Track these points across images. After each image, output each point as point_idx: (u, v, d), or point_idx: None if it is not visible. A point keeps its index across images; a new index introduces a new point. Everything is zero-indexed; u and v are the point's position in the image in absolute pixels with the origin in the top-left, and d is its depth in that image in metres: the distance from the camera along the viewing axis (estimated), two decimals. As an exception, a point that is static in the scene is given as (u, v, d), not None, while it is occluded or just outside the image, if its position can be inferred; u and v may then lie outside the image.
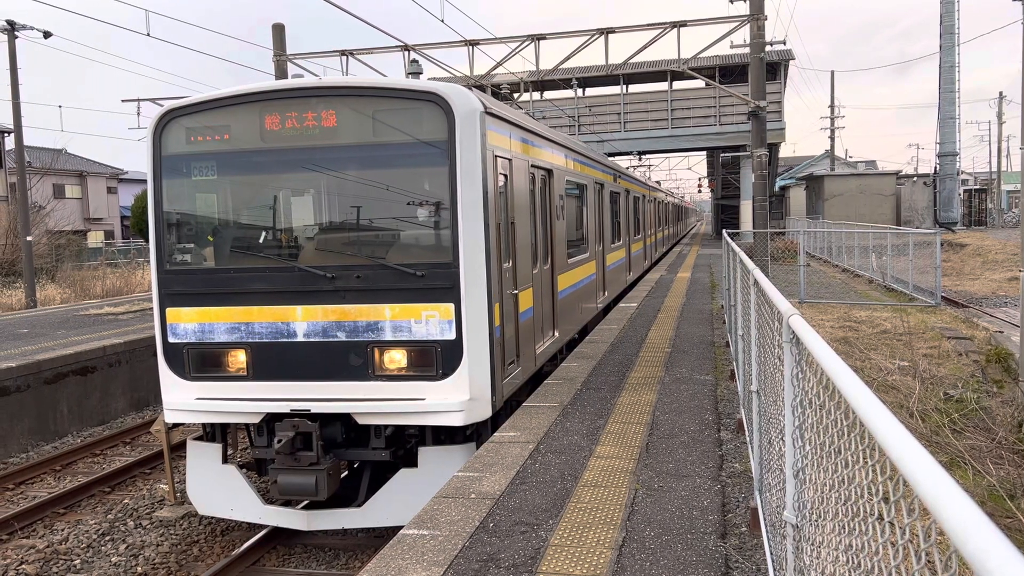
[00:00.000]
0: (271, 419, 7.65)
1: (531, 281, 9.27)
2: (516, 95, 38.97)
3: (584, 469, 6.30)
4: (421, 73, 9.66)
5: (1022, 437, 8.74)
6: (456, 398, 7.34)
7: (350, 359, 7.53)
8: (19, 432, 12.41)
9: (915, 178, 49.53)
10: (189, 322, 7.89)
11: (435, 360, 7.38)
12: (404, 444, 7.82)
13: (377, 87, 7.79)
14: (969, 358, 12.34)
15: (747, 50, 19.98)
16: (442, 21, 15.20)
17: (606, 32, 21.72)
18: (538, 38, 22.55)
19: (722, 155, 49.84)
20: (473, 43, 22.89)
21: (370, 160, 7.62)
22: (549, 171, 10.66)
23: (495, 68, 23.16)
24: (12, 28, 24.78)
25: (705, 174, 69.66)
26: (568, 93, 40.84)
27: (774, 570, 4.09)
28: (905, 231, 21.26)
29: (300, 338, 7.61)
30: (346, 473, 8.87)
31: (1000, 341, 14.00)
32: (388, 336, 7.44)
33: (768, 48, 20.51)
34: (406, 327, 7.40)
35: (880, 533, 1.92)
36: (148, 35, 17.10)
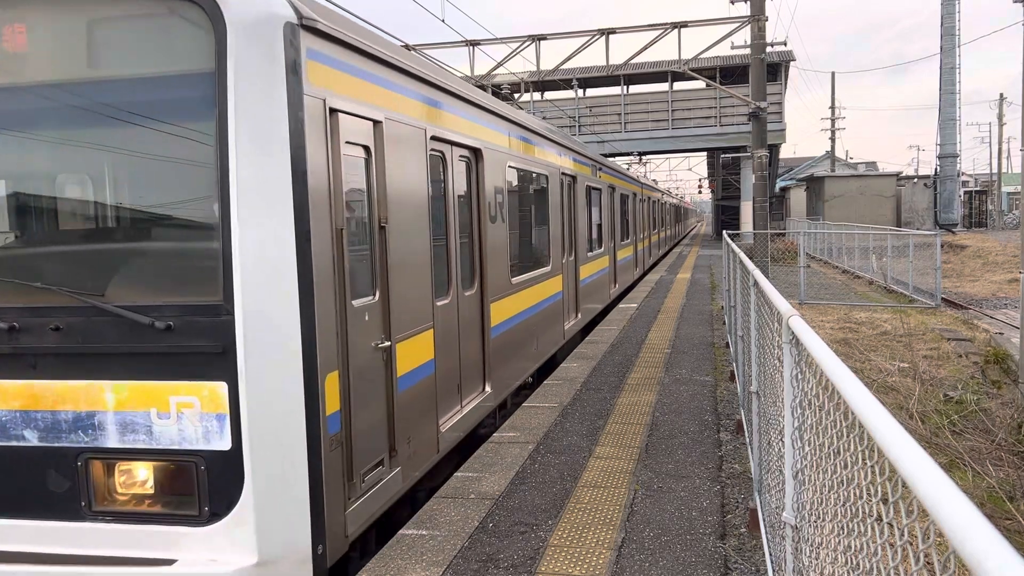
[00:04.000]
0: None
1: (430, 319, 6.12)
2: (517, 95, 39.02)
3: (583, 469, 6.30)
4: None
5: (1022, 439, 8.74)
6: (232, 560, 4.17)
7: (47, 481, 4.36)
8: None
9: (915, 179, 49.58)
10: None
11: (196, 487, 4.23)
12: None
13: None
14: (969, 359, 12.34)
15: (748, 51, 20.00)
16: (443, 21, 15.22)
17: (607, 32, 21.75)
18: (539, 38, 22.58)
19: (722, 156, 49.88)
20: (474, 43, 22.92)
21: (84, 112, 4.41)
22: (476, 151, 7.49)
23: (496, 68, 23.18)
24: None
25: (705, 175, 69.73)
26: (569, 94, 40.88)
27: (773, 571, 4.09)
28: (905, 232, 21.29)
29: None
30: None
31: (1000, 343, 14.00)
32: (112, 440, 4.28)
33: (769, 49, 20.53)
34: (143, 425, 4.24)
35: (879, 534, 1.92)
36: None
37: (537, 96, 42.64)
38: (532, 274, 9.74)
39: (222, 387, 4.16)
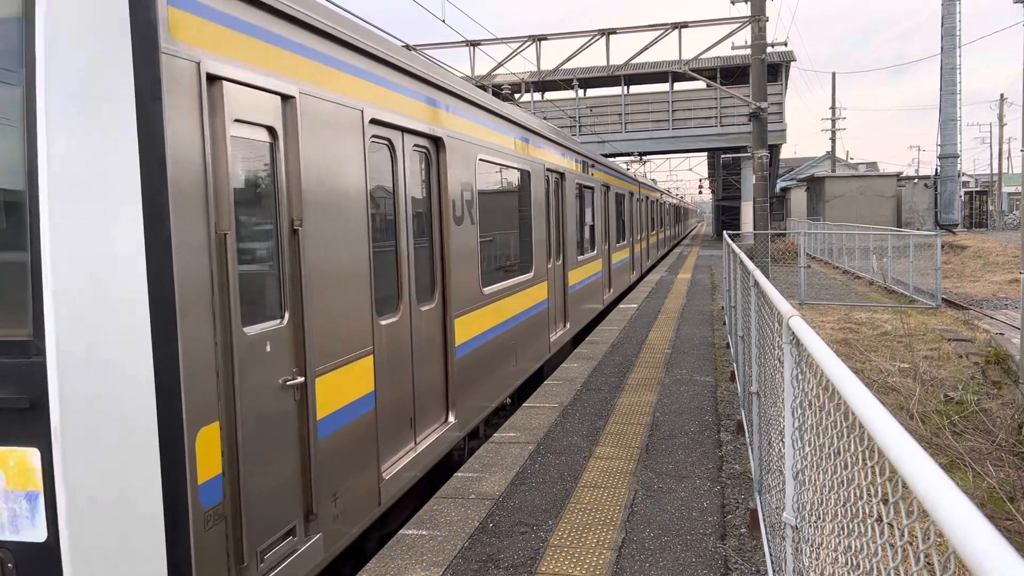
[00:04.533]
0: None
1: (370, 342, 5.04)
2: (517, 95, 39.06)
3: (584, 470, 6.30)
4: None
5: (1022, 439, 8.74)
6: None
7: None
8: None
9: (916, 180, 49.56)
10: None
11: None
12: None
13: None
14: (969, 360, 12.34)
15: (748, 51, 20.00)
16: (443, 21, 15.22)
17: (607, 33, 21.75)
18: (539, 39, 22.59)
19: (723, 156, 49.91)
20: (474, 44, 22.93)
21: None
22: (436, 140, 6.44)
23: (496, 68, 23.18)
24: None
25: (706, 175, 69.77)
26: (569, 94, 40.91)
27: (773, 571, 4.09)
28: (906, 233, 21.30)
29: None
30: None
31: (1000, 343, 14.00)
32: None
33: (769, 49, 20.54)
34: None
35: (879, 534, 1.92)
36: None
37: (538, 96, 42.69)
38: (510, 282, 8.65)
39: (33, 455, 3.11)
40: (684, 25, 20.92)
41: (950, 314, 17.38)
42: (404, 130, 5.76)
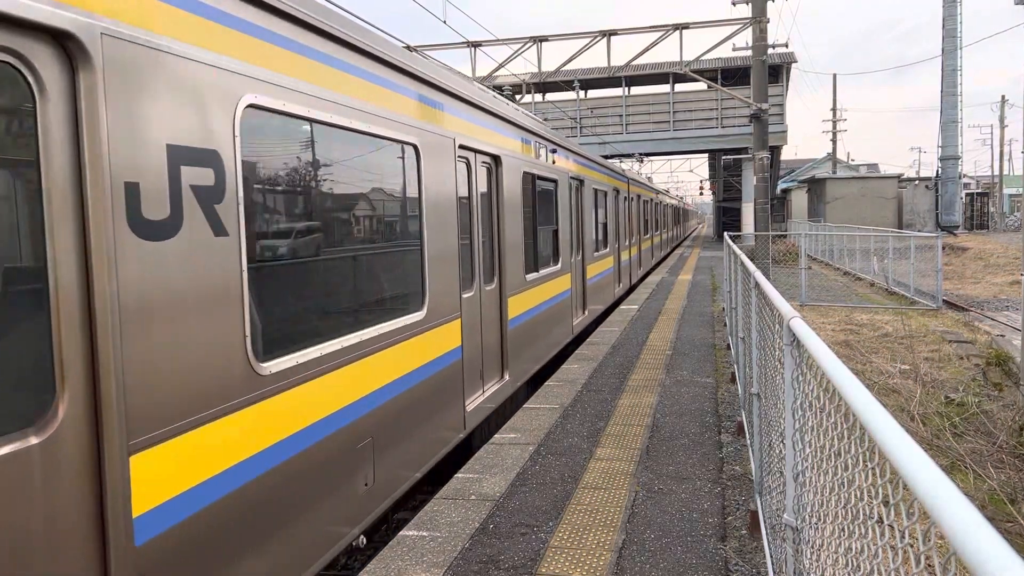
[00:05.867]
0: None
1: None
2: (518, 96, 39.08)
3: (584, 471, 6.30)
4: None
5: (1023, 441, 8.73)
6: None
7: None
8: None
9: (917, 181, 49.55)
10: None
11: None
12: None
13: None
14: (970, 361, 12.33)
15: (749, 52, 20.00)
16: (444, 22, 15.22)
17: (608, 34, 21.78)
18: (540, 40, 22.62)
19: (724, 157, 49.94)
20: (475, 44, 22.96)
21: None
22: (62, 40, 2.69)
23: (497, 69, 23.20)
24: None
25: (707, 176, 69.79)
26: (570, 95, 40.93)
27: (774, 572, 4.08)
28: (906, 234, 21.28)
29: None
30: None
31: (1001, 344, 13.99)
32: None
33: (770, 51, 20.54)
34: None
35: (880, 536, 1.91)
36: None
37: (539, 97, 42.72)
38: (360, 336, 4.95)
39: None
40: (685, 26, 20.95)
41: (951, 316, 17.38)
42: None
